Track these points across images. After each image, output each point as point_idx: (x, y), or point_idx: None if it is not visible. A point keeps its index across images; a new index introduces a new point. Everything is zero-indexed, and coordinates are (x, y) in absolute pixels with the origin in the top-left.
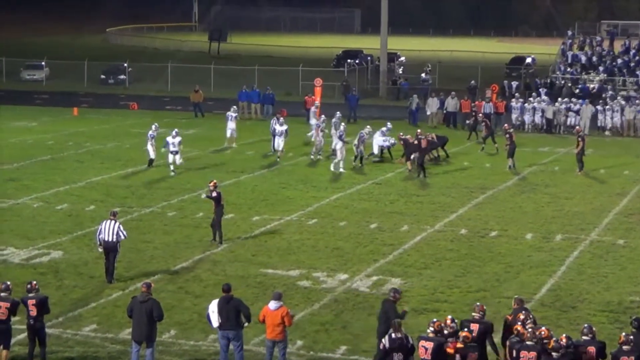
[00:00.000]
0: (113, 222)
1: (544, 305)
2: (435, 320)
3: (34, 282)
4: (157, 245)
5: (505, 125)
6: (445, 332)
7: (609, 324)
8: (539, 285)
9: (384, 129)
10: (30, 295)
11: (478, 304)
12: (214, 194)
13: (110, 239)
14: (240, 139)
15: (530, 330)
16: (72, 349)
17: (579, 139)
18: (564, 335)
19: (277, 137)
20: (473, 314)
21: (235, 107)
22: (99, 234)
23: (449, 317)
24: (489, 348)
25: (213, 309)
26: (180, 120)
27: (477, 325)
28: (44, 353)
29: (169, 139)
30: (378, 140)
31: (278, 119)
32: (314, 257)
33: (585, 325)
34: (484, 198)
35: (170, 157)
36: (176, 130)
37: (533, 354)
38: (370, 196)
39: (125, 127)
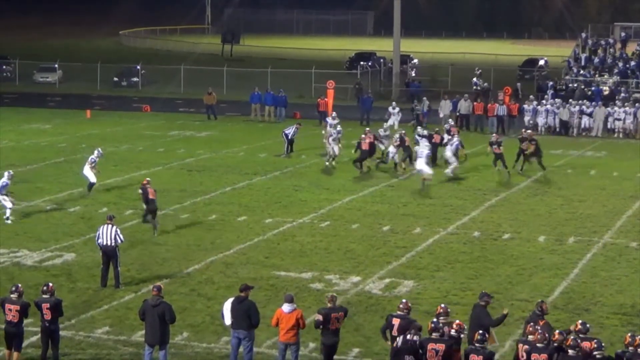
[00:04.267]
0: (110, 226)
1: (556, 308)
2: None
3: (51, 285)
4: (169, 247)
5: (530, 131)
6: (462, 336)
7: (621, 326)
8: (551, 287)
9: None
10: (45, 297)
11: (404, 300)
12: (140, 191)
13: (109, 243)
14: (251, 141)
15: (540, 332)
16: (84, 351)
17: (531, 142)
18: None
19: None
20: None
21: (100, 149)
22: (98, 239)
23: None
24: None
25: (227, 307)
26: (193, 123)
27: (399, 320)
28: (57, 355)
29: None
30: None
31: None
32: (326, 259)
33: (580, 321)
34: (496, 200)
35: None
36: (99, 149)
37: (544, 356)
38: (383, 198)
39: (138, 130)
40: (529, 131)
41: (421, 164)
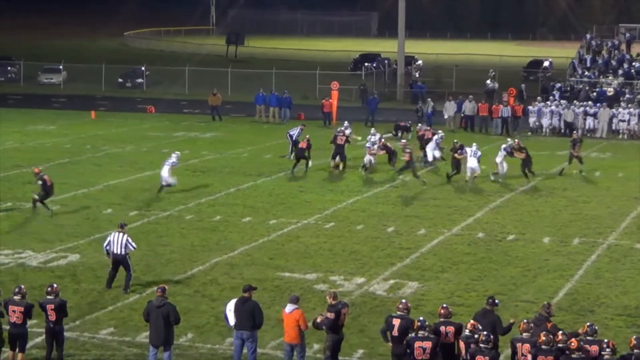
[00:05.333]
0: (121, 234)
1: (561, 310)
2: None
3: (55, 286)
4: (174, 248)
5: (574, 133)
6: (476, 336)
7: (626, 327)
8: (556, 289)
9: (436, 137)
10: (49, 298)
11: (403, 300)
12: (40, 182)
13: (119, 252)
14: (256, 142)
15: (545, 333)
16: (89, 352)
17: (521, 151)
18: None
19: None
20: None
21: (178, 153)
22: (107, 245)
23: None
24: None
25: (230, 307)
26: (198, 124)
27: (399, 320)
28: (61, 356)
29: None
30: (431, 148)
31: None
32: (331, 260)
33: (588, 324)
34: (501, 201)
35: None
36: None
37: (550, 358)
38: (388, 200)
39: (143, 131)
40: (575, 133)
41: (473, 163)
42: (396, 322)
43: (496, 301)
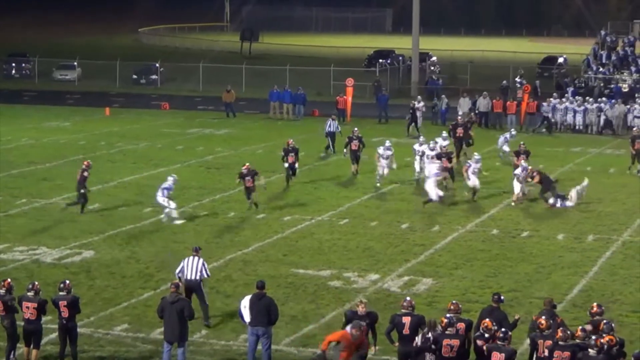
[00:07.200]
0: (197, 258)
1: (575, 306)
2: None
3: (67, 282)
4: (188, 245)
5: (634, 129)
6: (487, 335)
7: None
8: (570, 286)
9: (507, 134)
10: (61, 294)
11: (407, 298)
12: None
13: (192, 277)
14: (270, 139)
15: (562, 330)
16: (103, 348)
17: (535, 174)
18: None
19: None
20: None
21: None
22: (179, 273)
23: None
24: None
25: (245, 304)
26: (212, 120)
27: (410, 317)
28: (75, 352)
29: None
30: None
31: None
32: (345, 257)
33: (605, 321)
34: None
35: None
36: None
37: (567, 354)
38: (402, 196)
39: (157, 127)
40: (635, 129)
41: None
42: (406, 319)
43: (502, 298)
